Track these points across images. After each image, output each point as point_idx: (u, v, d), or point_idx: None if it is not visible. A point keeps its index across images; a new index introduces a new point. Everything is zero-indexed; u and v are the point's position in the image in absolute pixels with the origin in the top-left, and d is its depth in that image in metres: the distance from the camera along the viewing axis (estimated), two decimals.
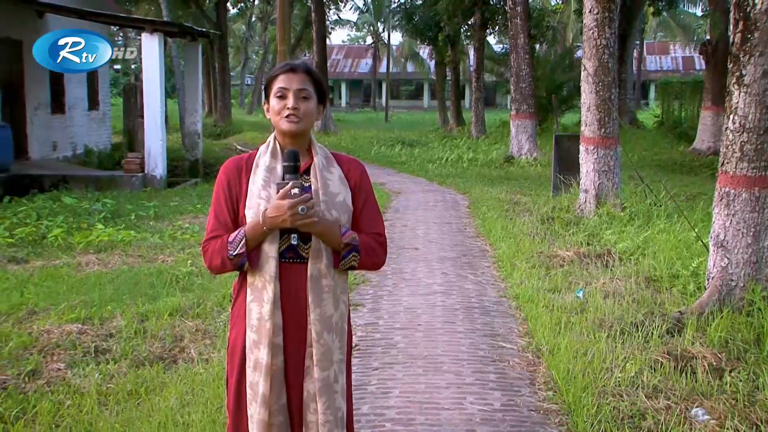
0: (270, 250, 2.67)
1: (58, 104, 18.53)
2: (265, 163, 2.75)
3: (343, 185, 2.77)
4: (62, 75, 18.47)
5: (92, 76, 20.56)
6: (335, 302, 2.73)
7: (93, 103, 20.81)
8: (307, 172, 2.76)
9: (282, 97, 2.71)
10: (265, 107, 2.79)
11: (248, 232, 2.66)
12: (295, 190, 2.58)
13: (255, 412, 2.68)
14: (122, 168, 15.71)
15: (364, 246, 2.73)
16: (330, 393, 2.70)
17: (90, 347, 5.46)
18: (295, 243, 2.69)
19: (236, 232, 2.68)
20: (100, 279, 7.46)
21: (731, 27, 6.10)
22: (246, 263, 2.68)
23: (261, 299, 2.68)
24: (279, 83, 2.71)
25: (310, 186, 2.72)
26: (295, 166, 2.64)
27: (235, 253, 2.66)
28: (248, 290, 2.72)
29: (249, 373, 2.70)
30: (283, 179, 2.67)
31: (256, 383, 2.68)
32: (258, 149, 2.83)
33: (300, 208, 2.56)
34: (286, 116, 2.70)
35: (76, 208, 11.69)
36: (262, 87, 2.84)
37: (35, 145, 17.28)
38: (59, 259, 8.42)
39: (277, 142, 2.78)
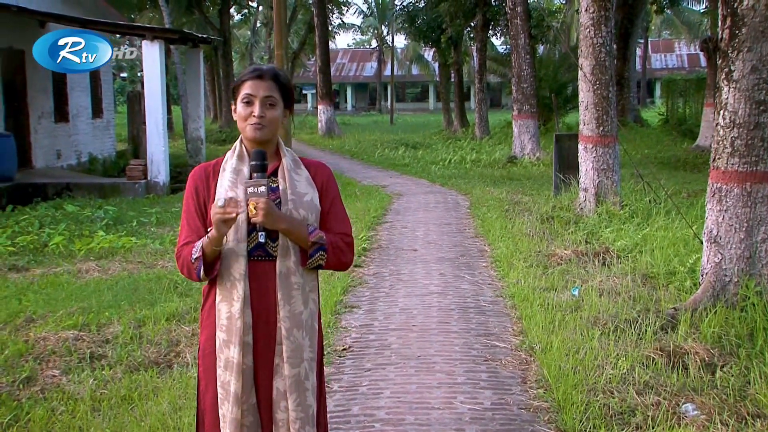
0: (239, 249, 2.70)
1: (61, 113, 18.63)
2: (232, 165, 2.78)
3: (310, 186, 2.81)
4: (65, 83, 18.59)
5: (95, 84, 20.66)
6: (304, 300, 2.75)
7: (97, 110, 20.90)
8: (275, 174, 2.79)
9: (248, 103, 2.74)
10: (233, 109, 2.82)
11: (206, 238, 2.69)
12: (262, 188, 2.61)
13: (228, 411, 2.71)
14: (126, 175, 15.78)
15: (331, 245, 2.76)
16: (301, 390, 2.72)
17: (86, 353, 5.49)
18: (263, 241, 2.71)
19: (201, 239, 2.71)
20: (99, 285, 7.51)
21: (719, 23, 6.10)
22: (202, 270, 2.68)
23: (231, 298, 2.71)
24: (246, 89, 2.74)
25: (277, 186, 2.76)
26: (263, 165, 2.68)
27: (195, 257, 2.69)
28: (217, 290, 2.75)
29: (220, 372, 2.73)
30: (251, 178, 2.70)
31: (228, 382, 2.71)
32: (225, 155, 2.86)
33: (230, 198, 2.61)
34: (252, 123, 2.73)
35: (78, 215, 11.75)
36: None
37: (39, 153, 17.37)
38: (60, 266, 8.48)
39: (243, 146, 2.82)
